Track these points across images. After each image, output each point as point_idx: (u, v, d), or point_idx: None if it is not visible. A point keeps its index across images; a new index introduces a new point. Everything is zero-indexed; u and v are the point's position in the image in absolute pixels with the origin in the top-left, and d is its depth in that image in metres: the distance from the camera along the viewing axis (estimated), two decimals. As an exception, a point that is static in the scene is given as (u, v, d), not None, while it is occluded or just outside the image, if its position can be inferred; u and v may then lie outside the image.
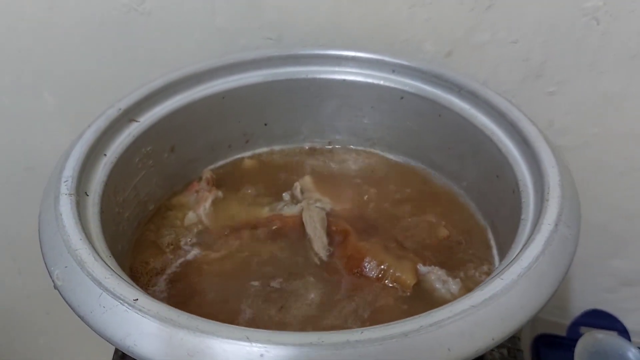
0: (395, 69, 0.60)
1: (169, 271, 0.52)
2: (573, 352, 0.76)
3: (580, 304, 0.89)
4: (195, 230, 0.56)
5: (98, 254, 0.39)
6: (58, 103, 0.75)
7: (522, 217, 0.44)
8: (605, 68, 0.65)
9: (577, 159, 0.73)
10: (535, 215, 0.43)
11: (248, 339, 0.32)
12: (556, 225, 0.40)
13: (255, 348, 0.32)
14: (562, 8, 0.62)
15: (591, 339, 0.78)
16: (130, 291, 0.36)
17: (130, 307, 0.35)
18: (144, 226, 0.57)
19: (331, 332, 0.33)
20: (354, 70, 0.62)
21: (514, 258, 0.38)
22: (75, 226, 0.40)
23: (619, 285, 0.86)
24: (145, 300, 0.35)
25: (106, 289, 0.36)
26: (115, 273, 0.38)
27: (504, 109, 0.52)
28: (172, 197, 0.60)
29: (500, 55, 0.66)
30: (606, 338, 0.79)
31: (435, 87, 0.58)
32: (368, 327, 0.33)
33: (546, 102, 0.69)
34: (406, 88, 0.60)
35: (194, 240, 0.55)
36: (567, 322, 0.84)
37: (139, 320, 0.34)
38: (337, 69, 0.62)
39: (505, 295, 0.35)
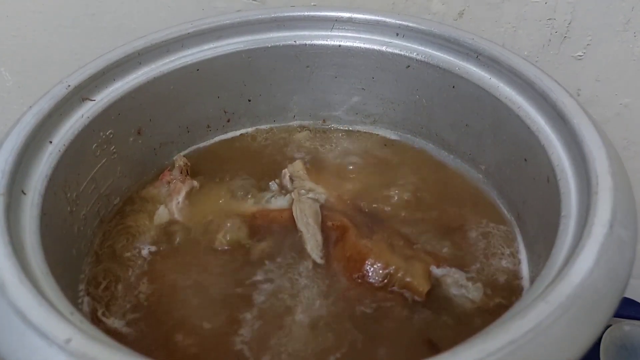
0: (399, 32, 0.52)
1: (134, 278, 0.44)
2: (598, 344, 0.70)
3: (603, 292, 0.82)
4: (166, 228, 0.48)
5: (28, 275, 0.31)
6: (17, 80, 0.68)
7: (563, 213, 0.36)
8: (641, 28, 0.57)
9: (607, 133, 0.66)
10: (581, 213, 0.34)
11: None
12: (611, 226, 0.31)
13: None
14: (593, -43, 0.54)
15: (618, 331, 0.73)
16: (62, 328, 0.27)
17: (60, 350, 0.26)
18: (108, 224, 0.48)
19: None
20: (350, 34, 0.53)
21: (559, 272, 0.30)
22: (0, 238, 0.32)
23: (646, 270, 0.79)
24: (80, 341, 0.27)
25: (32, 325, 0.28)
26: (47, 300, 0.29)
27: (532, 78, 0.43)
28: (142, 188, 0.52)
29: (520, 15, 0.58)
30: (634, 330, 0.74)
31: (449, 53, 0.50)
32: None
33: (572, 68, 0.61)
34: (413, 54, 0.52)
35: (165, 240, 0.47)
36: (590, 311, 0.77)
37: (72, 368, 0.26)
38: (330, 33, 0.54)
39: (553, 325, 0.27)
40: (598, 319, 0.29)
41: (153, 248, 0.46)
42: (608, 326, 0.73)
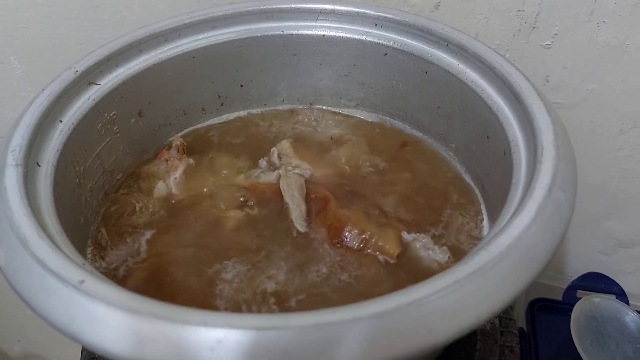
0: (378, 22, 0.56)
1: (134, 245, 0.48)
2: (569, 316, 0.74)
3: (576, 267, 0.86)
4: (164, 201, 0.52)
5: (45, 231, 0.35)
6: (25, 69, 0.72)
7: (513, 180, 0.40)
8: (604, 18, 0.62)
9: (574, 117, 0.70)
10: (528, 179, 0.39)
11: (206, 324, 0.29)
12: (550, 189, 0.36)
13: (213, 333, 0.29)
14: (558, -48, 0.58)
15: (588, 303, 0.76)
16: (76, 272, 0.32)
17: (75, 290, 0.31)
18: (112, 196, 0.53)
19: (298, 313, 0.30)
20: (333, 24, 0.57)
21: (502, 227, 0.35)
22: (20, 201, 0.37)
23: (616, 247, 0.84)
24: (92, 282, 0.31)
25: (50, 270, 0.32)
26: (63, 252, 0.34)
27: (494, 63, 0.48)
28: (142, 165, 0.56)
29: (492, 7, 0.62)
30: (603, 302, 0.77)
31: (422, 42, 0.54)
32: (339, 307, 0.30)
33: (541, 56, 0.65)
34: (390, 43, 0.56)
35: (163, 212, 0.51)
36: (563, 286, 0.82)
37: (86, 304, 0.31)
38: (315, 23, 0.58)
39: (493, 269, 0.32)
40: (534, 266, 0.33)
41: (152, 217, 0.50)
42: (579, 299, 0.78)
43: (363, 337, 0.29)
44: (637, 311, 0.75)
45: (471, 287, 0.31)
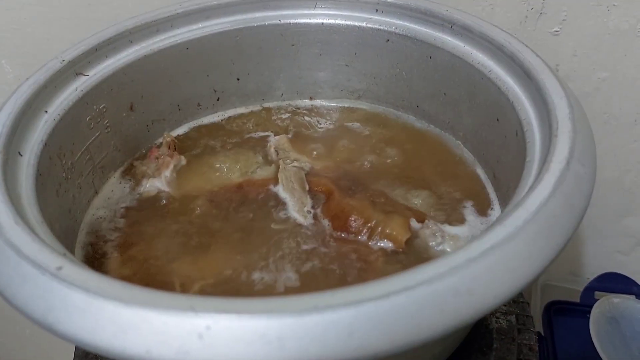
0: (379, 7, 0.54)
1: (124, 243, 0.45)
2: (587, 318, 0.71)
3: (593, 268, 0.83)
4: (155, 198, 0.49)
5: (22, 218, 0.33)
6: (18, 72, 0.70)
7: (527, 159, 0.38)
8: (614, 1, 0.59)
9: (586, 108, 0.66)
10: (543, 155, 0.36)
11: (193, 309, 0.26)
12: (568, 162, 0.33)
13: (201, 319, 0.26)
14: None
15: (607, 303, 0.74)
16: (53, 258, 0.29)
17: (53, 277, 0.28)
18: (101, 194, 0.50)
19: (294, 296, 0.27)
20: (332, 12, 0.55)
21: (518, 202, 0.32)
22: (-5, 187, 0.34)
23: (634, 245, 0.81)
24: (71, 269, 0.29)
25: (25, 257, 0.29)
26: (41, 239, 0.32)
27: (502, 42, 0.45)
28: (134, 163, 0.53)
29: (497, -8, 0.60)
30: (623, 302, 0.74)
31: (425, 26, 0.52)
32: (340, 289, 0.27)
33: (550, 44, 0.63)
34: (392, 29, 0.53)
35: (154, 208, 0.48)
36: (580, 288, 0.79)
37: (63, 292, 0.28)
38: (313, 11, 0.55)
39: (509, 245, 0.29)
40: (554, 241, 0.30)
41: (142, 215, 0.48)
42: (597, 300, 0.74)
43: (366, 320, 0.26)
44: (659, 311, 0.72)
45: (486, 264, 0.28)
